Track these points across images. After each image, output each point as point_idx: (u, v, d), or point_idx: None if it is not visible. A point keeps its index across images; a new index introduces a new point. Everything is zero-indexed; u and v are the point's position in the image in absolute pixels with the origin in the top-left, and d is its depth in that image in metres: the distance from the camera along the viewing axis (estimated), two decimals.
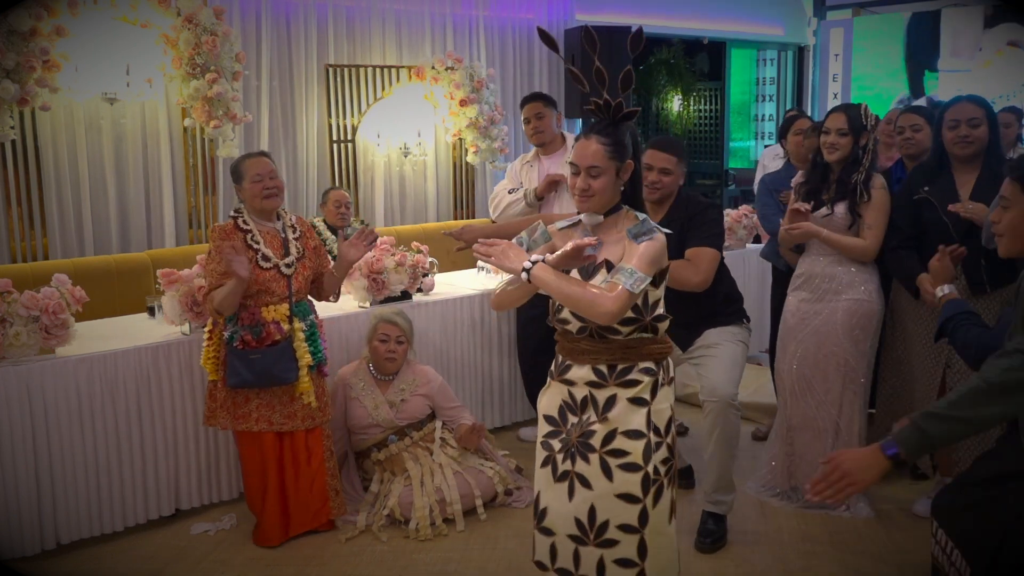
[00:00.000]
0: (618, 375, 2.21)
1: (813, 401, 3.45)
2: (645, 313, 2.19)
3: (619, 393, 2.20)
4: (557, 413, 2.30)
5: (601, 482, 2.18)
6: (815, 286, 3.43)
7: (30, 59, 4.31)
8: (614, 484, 2.18)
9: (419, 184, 6.43)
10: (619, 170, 2.19)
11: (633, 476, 2.17)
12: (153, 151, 5.20)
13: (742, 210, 5.66)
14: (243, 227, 3.19)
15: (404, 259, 3.97)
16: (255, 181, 3.16)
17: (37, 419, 3.10)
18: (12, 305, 3.07)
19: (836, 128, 3.33)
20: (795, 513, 3.51)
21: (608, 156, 2.17)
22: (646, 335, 2.22)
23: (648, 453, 2.18)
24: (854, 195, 3.31)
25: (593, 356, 2.23)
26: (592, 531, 2.20)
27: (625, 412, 2.19)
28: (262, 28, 5.55)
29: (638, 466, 2.17)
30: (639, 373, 2.21)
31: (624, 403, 2.20)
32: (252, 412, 3.22)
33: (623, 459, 2.18)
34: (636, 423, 2.19)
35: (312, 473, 3.32)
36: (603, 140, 2.18)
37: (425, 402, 3.64)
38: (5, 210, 4.67)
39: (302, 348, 3.19)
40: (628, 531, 2.18)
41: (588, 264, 2.21)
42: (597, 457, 2.19)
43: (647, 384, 2.21)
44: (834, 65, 9.15)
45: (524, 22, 6.76)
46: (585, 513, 2.20)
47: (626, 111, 2.21)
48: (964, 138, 3.18)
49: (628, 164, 2.20)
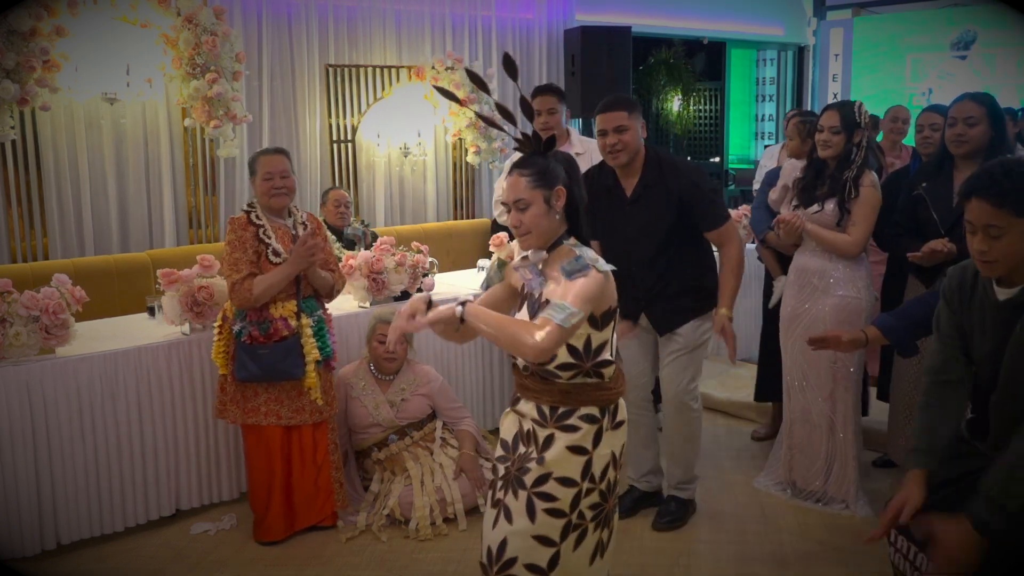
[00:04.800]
0: (557, 418, 2.14)
1: (809, 396, 3.51)
2: (586, 358, 2.11)
3: (557, 435, 2.13)
4: (511, 439, 2.25)
5: (522, 520, 2.12)
6: (805, 282, 3.48)
7: (30, 59, 4.31)
8: (535, 526, 2.12)
9: (419, 184, 6.43)
10: (548, 198, 2.09)
11: (556, 521, 2.12)
12: (153, 151, 5.20)
13: (742, 210, 5.66)
14: (255, 221, 3.21)
15: (404, 259, 3.97)
16: (266, 179, 3.20)
17: (37, 419, 3.10)
18: (12, 305, 3.07)
19: (829, 126, 3.36)
20: (795, 513, 3.51)
21: (532, 186, 2.08)
22: (589, 380, 2.14)
23: (576, 501, 2.13)
24: (843, 191, 3.34)
25: (536, 395, 2.17)
26: (497, 564, 2.14)
27: (562, 458, 2.12)
28: (262, 28, 5.55)
29: (563, 512, 2.12)
30: (579, 419, 2.13)
31: (562, 449, 2.12)
32: (261, 406, 3.25)
33: (550, 504, 2.12)
34: (571, 471, 2.12)
35: (317, 467, 3.34)
36: (524, 172, 2.09)
37: (426, 402, 3.64)
38: (5, 210, 4.67)
39: (309, 344, 3.21)
40: (534, 571, 2.13)
41: (532, 302, 2.13)
42: (526, 495, 2.13)
43: (587, 432, 2.13)
44: (834, 65, 9.15)
45: (524, 22, 6.76)
46: (496, 544, 2.15)
47: (546, 140, 2.13)
48: (959, 136, 3.18)
49: (558, 191, 2.09)
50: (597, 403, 2.14)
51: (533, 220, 2.09)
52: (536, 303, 2.12)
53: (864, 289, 3.41)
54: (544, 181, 2.08)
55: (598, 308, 2.07)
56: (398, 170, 6.31)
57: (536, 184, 2.08)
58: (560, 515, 2.12)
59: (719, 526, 3.43)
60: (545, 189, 2.08)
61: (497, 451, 2.31)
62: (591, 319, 2.08)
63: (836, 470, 3.51)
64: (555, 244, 2.13)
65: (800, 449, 3.58)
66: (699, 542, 3.31)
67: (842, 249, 3.37)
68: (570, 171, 2.14)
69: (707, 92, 9.62)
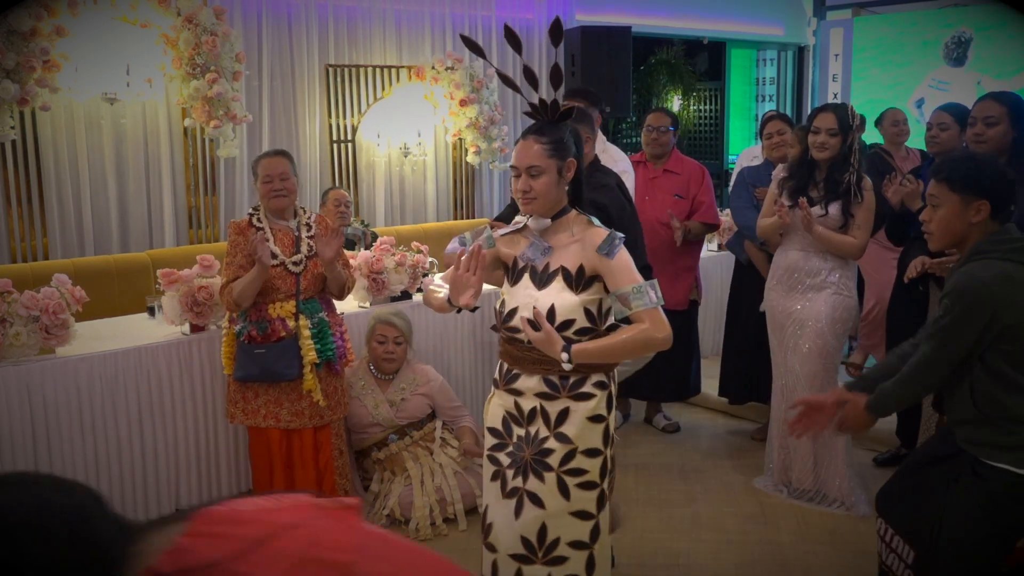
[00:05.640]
0: (571, 387, 2.15)
1: (799, 395, 3.47)
2: (600, 321, 2.14)
3: (572, 407, 2.14)
4: (501, 425, 2.24)
5: (556, 500, 2.13)
6: (796, 280, 3.48)
7: (30, 59, 4.31)
8: (570, 503, 2.14)
9: (419, 184, 6.43)
10: (561, 169, 2.12)
11: (590, 494, 2.15)
12: (153, 151, 5.20)
13: None
14: (256, 224, 3.22)
15: (404, 259, 3.97)
16: (265, 182, 3.21)
17: (37, 419, 3.10)
18: (12, 305, 3.07)
19: (826, 128, 3.35)
20: (795, 513, 3.51)
21: (548, 155, 2.11)
22: None
23: (604, 470, 2.17)
24: (847, 196, 3.34)
25: (544, 367, 2.16)
26: (541, 550, 2.15)
27: (585, 430, 2.14)
28: (262, 28, 5.55)
29: (595, 484, 2.16)
30: (592, 387, 2.15)
31: (583, 421, 2.14)
32: (260, 408, 3.25)
33: (581, 478, 2.14)
34: (595, 441, 2.15)
35: (320, 471, 3.33)
36: (541, 139, 2.12)
37: (425, 401, 3.64)
38: (5, 210, 4.66)
39: (307, 345, 3.20)
40: (579, 547, 2.15)
41: (536, 274, 2.15)
42: (554, 476, 2.13)
43: (602, 398, 2.16)
44: (834, 65, 9.14)
45: (524, 22, 6.76)
46: (535, 532, 2.15)
47: (563, 109, 2.15)
48: (977, 136, 3.17)
49: (570, 162, 2.14)
50: (606, 368, 2.18)
51: (544, 188, 2.11)
52: (546, 274, 2.15)
53: (853, 287, 3.47)
54: (559, 151, 2.12)
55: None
56: (398, 170, 6.30)
57: (551, 153, 2.11)
58: (593, 487, 2.16)
59: (719, 526, 3.43)
60: (559, 159, 2.12)
61: (488, 441, 2.28)
62: (604, 283, 2.12)
63: (825, 467, 3.51)
64: (560, 214, 2.16)
65: (795, 449, 3.59)
66: (699, 542, 3.31)
67: (849, 251, 3.38)
68: (578, 143, 2.17)
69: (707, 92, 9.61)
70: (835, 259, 3.42)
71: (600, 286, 2.13)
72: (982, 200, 2.17)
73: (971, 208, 2.17)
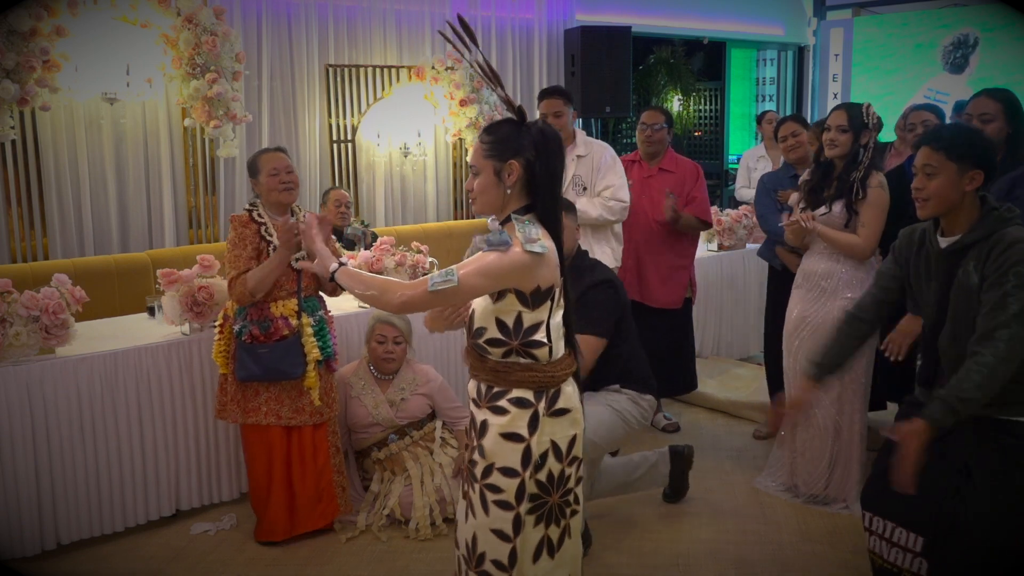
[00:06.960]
0: (489, 399, 2.08)
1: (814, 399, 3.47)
2: (514, 336, 2.04)
3: (489, 420, 2.07)
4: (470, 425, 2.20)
5: (481, 513, 2.09)
6: (813, 284, 3.47)
7: (30, 59, 4.31)
8: (489, 519, 2.07)
9: (419, 184, 6.43)
10: (500, 171, 2.00)
11: (505, 514, 2.06)
12: (153, 151, 5.20)
13: (742, 210, 5.67)
14: (257, 219, 3.21)
15: (404, 259, 3.97)
16: (272, 175, 3.20)
17: (37, 419, 3.11)
18: (12, 305, 3.07)
19: (836, 125, 3.36)
20: (795, 513, 3.51)
21: (484, 154, 2.01)
22: (521, 360, 2.06)
23: (521, 493, 2.05)
24: (851, 193, 3.34)
25: (475, 372, 2.13)
26: (473, 559, 2.12)
27: (498, 447, 2.05)
28: (262, 28, 5.55)
29: (510, 505, 2.05)
30: (508, 402, 2.05)
31: (496, 437, 2.05)
32: (261, 406, 3.25)
33: (498, 495, 2.06)
34: (511, 460, 2.05)
35: (318, 469, 3.33)
36: (484, 138, 2.03)
37: (425, 401, 3.64)
38: (5, 210, 4.67)
39: (310, 343, 3.21)
40: (500, 568, 2.08)
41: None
42: (478, 488, 2.09)
43: (516, 417, 2.04)
44: (834, 65, 9.15)
45: (524, 22, 6.76)
46: (471, 540, 2.12)
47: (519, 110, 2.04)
48: None
49: (510, 164, 1.99)
50: (528, 385, 2.06)
51: (479, 188, 2.04)
52: None
53: None
54: (497, 152, 2.01)
55: (525, 286, 2.00)
56: (398, 170, 6.30)
57: (488, 153, 2.02)
58: (508, 507, 2.06)
59: (719, 526, 3.43)
60: (496, 160, 2.01)
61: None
62: (520, 296, 2.01)
63: (839, 473, 3.50)
64: (507, 220, 2.05)
65: (802, 453, 3.56)
66: (699, 542, 3.31)
67: (852, 250, 3.36)
68: (541, 146, 2.02)
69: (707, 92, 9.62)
70: (848, 262, 3.39)
71: (513, 298, 2.02)
72: (977, 170, 2.23)
73: (966, 177, 2.23)
